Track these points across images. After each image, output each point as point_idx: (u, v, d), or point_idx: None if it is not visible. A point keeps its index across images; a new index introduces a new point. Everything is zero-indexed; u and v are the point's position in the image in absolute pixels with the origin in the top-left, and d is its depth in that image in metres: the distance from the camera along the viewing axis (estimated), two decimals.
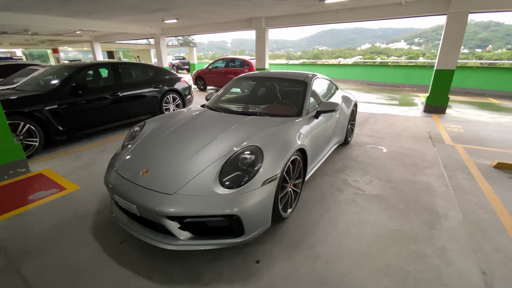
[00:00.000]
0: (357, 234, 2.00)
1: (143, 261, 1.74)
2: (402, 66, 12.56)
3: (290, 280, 1.58)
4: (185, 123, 2.45)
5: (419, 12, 5.87)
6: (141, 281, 1.58)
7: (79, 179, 2.93)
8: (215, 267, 1.69)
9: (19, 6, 6.43)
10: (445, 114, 6.13)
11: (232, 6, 6.43)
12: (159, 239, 1.67)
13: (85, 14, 7.68)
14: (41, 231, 2.04)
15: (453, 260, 1.75)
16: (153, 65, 5.73)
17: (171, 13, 7.43)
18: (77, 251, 1.83)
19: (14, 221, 2.18)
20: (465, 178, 2.92)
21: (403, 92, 10.24)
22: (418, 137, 4.42)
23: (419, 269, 1.67)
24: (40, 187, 2.74)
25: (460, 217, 2.21)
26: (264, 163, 1.75)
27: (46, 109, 3.67)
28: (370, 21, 6.95)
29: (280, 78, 3.19)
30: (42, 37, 12.39)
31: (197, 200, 1.60)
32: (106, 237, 1.97)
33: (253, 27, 8.37)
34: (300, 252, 1.81)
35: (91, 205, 2.39)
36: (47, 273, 1.64)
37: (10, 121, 3.21)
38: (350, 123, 3.96)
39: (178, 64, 24.61)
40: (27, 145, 3.51)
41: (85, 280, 1.59)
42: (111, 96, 4.49)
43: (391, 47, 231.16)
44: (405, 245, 1.89)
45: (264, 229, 1.81)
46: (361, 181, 2.87)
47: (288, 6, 6.46)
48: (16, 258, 1.77)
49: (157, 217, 1.60)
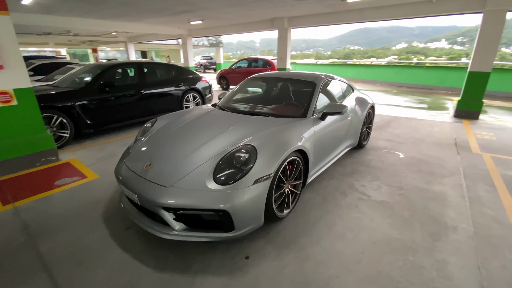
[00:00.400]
0: (352, 240, 1.96)
1: (142, 247, 1.87)
2: (436, 67, 11.72)
3: (274, 278, 1.61)
4: (192, 121, 2.57)
5: (451, 10, 5.46)
6: (137, 265, 1.71)
7: (99, 169, 3.19)
8: (205, 259, 1.77)
9: (60, 10, 7.12)
10: (478, 120, 5.64)
11: (253, 6, 6.51)
12: (156, 228, 1.79)
13: (119, 16, 8.26)
14: (60, 214, 2.28)
15: (452, 274, 1.65)
16: (176, 65, 6.01)
17: (195, 14, 7.72)
18: (87, 233, 2.02)
19: (39, 203, 2.46)
20: (485, 190, 2.70)
21: (435, 95, 9.59)
22: (442, 143, 4.14)
23: (412, 280, 1.60)
24: (66, 175, 3.04)
25: (471, 231, 2.07)
26: (257, 162, 1.79)
27: (77, 104, 4.04)
28: (406, 19, 6.55)
29: (290, 78, 3.19)
30: (82, 37, 13.53)
31: (190, 193, 1.69)
32: (114, 223, 2.15)
33: (276, 27, 8.38)
34: (290, 252, 1.82)
35: (105, 193, 2.61)
36: (59, 251, 1.84)
37: (45, 114, 3.59)
38: (365, 126, 3.83)
39: (205, 64, 25.34)
40: (59, 136, 3.89)
41: (89, 260, 1.76)
42: (135, 93, 4.80)
43: (430, 46, 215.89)
44: (402, 254, 1.81)
45: (256, 227, 1.85)
46: (368, 186, 2.78)
47: (310, 6, 6.38)
48: (36, 235, 2.00)
49: (155, 207, 1.72)
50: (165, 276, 1.63)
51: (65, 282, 1.59)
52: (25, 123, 3.12)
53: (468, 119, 5.68)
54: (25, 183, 2.85)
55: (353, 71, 14.89)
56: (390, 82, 12.69)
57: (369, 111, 3.80)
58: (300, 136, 2.23)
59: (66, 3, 6.27)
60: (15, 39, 2.91)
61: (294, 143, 2.07)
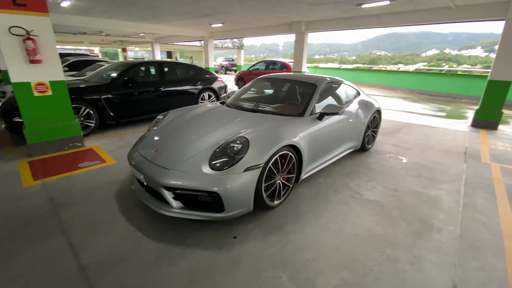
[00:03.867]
0: (336, 231, 2.09)
1: (146, 222, 2.13)
2: (461, 75, 11.23)
3: (256, 256, 1.79)
4: (198, 115, 2.82)
5: (472, 17, 5.32)
6: (139, 235, 1.97)
7: (117, 155, 3.54)
8: (199, 235, 1.98)
9: (94, 12, 7.82)
10: (496, 130, 5.43)
11: (270, 11, 6.74)
12: (157, 205, 2.04)
13: (146, 19, 8.86)
14: (80, 190, 2.62)
15: (426, 269, 1.73)
16: (195, 65, 6.37)
17: (216, 18, 8.09)
18: (101, 207, 2.32)
19: (64, 180, 2.82)
20: (484, 198, 2.69)
21: (457, 104, 9.23)
22: (451, 151, 4.08)
23: (384, 270, 1.71)
24: (88, 159, 3.41)
25: (456, 233, 2.11)
26: (248, 152, 1.99)
27: (103, 98, 4.47)
28: (439, 24, 6.37)
29: (294, 80, 3.35)
30: (113, 37, 14.53)
31: (188, 176, 1.92)
32: (124, 200, 2.44)
33: (293, 31, 8.54)
34: (274, 236, 1.99)
35: (120, 176, 2.93)
36: (76, 219, 2.15)
37: (74, 105, 4.03)
38: (371, 130, 3.89)
39: (227, 65, 25.98)
40: (85, 125, 4.33)
41: (100, 228, 2.05)
42: (155, 90, 5.19)
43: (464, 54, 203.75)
44: (380, 248, 1.92)
45: (246, 211, 2.04)
46: (363, 186, 2.87)
47: (326, 11, 6.48)
48: (59, 205, 2.34)
49: (157, 186, 1.97)
50: (161, 246, 1.86)
51: (78, 243, 1.88)
52: (57, 111, 3.54)
53: (486, 129, 5.48)
54: (54, 163, 3.25)
55: (375, 76, 14.61)
56: (412, 89, 12.32)
57: (374, 115, 3.85)
58: (294, 133, 2.38)
59: (100, 6, 6.88)
60: (53, 38, 3.34)
61: (286, 139, 2.24)
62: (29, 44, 3.09)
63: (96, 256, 1.76)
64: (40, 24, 3.18)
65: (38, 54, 3.19)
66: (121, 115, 4.79)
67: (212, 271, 1.66)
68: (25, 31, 3.07)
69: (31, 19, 3.11)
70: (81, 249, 1.82)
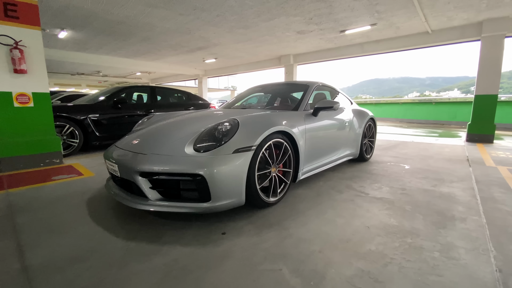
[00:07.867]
0: (343, 224, 1.77)
1: (117, 223, 1.78)
2: (446, 102, 11.71)
3: (248, 250, 1.44)
4: (188, 113, 2.66)
5: (449, 39, 5.70)
6: (106, 235, 1.61)
7: (97, 170, 3.23)
8: (178, 233, 1.64)
9: (91, 47, 8.15)
10: (492, 143, 5.36)
11: (260, 42, 7.14)
12: (132, 199, 1.73)
13: (141, 54, 9.25)
14: (45, 197, 2.27)
15: (459, 255, 1.41)
16: (187, 92, 6.43)
17: (209, 52, 8.52)
18: (67, 212, 1.97)
19: (31, 190, 2.47)
20: (500, 192, 2.44)
21: (447, 128, 9.38)
22: (453, 159, 3.91)
23: (409, 258, 1.38)
24: (64, 173, 3.09)
25: (482, 222, 1.81)
26: (238, 133, 1.78)
27: (90, 117, 4.30)
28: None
29: (287, 84, 3.32)
30: (111, 79, 15.05)
31: (167, 159, 1.67)
32: (95, 205, 2.09)
33: (282, 64, 8.99)
34: (272, 231, 1.66)
35: (96, 186, 2.60)
36: (34, 223, 1.79)
37: (59, 123, 3.83)
38: (367, 139, 3.75)
39: None
40: (68, 145, 4.07)
41: (60, 230, 1.69)
42: (145, 112, 5.08)
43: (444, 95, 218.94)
44: (399, 238, 1.60)
45: (237, 203, 1.74)
46: (368, 187, 2.60)
47: (312, 40, 6.90)
48: (18, 211, 1.98)
49: (132, 174, 1.69)
50: (131, 244, 1.51)
51: (29, 244, 1.51)
52: (37, 124, 3.33)
53: (482, 142, 5.42)
54: (25, 177, 2.91)
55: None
56: (401, 118, 12.67)
57: (369, 123, 3.75)
58: (289, 122, 2.21)
59: (97, 38, 7.16)
60: (42, 50, 3.31)
61: (278, 124, 2.05)
62: (16, 53, 3.03)
63: (46, 257, 1.39)
64: (30, 36, 3.18)
65: (23, 64, 3.11)
66: (108, 136, 4.57)
67: (192, 267, 1.30)
68: (13, 41, 3.03)
69: (21, 30, 3.11)
70: (30, 250, 1.45)
